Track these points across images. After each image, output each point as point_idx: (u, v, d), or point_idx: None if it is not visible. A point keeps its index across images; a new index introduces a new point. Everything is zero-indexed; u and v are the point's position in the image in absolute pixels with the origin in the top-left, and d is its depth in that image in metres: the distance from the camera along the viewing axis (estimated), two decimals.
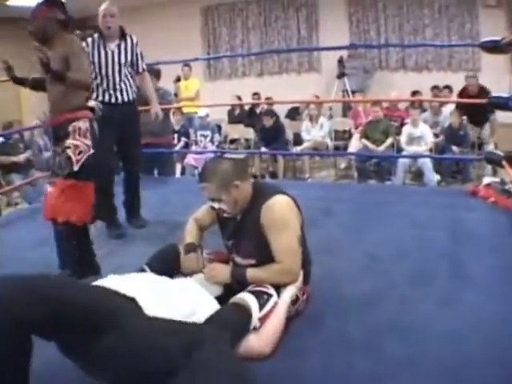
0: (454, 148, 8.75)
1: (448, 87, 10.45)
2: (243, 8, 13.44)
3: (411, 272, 3.54)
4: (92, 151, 3.68)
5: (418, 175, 8.85)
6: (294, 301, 2.95)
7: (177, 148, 9.52)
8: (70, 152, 3.58)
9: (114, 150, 4.91)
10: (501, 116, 8.67)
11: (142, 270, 3.02)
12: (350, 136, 10.26)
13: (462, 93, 9.15)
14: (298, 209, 3.07)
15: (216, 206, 3.02)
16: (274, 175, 9.74)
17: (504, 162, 5.34)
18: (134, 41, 4.93)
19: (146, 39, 6.16)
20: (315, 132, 10.00)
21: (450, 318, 2.91)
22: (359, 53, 12.20)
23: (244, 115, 11.79)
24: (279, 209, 2.94)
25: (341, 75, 11.76)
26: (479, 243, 4.02)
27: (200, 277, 2.99)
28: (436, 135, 9.22)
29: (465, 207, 4.99)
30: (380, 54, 12.37)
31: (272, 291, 2.85)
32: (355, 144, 9.53)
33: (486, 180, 5.71)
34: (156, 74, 7.33)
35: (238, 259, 3.13)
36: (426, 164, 8.42)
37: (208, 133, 9.96)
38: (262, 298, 2.78)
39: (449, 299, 3.12)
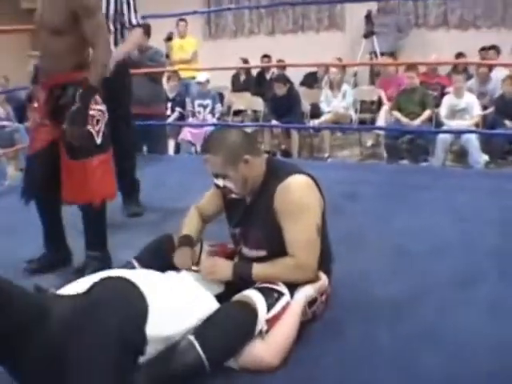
0: (507, 122, 8.70)
1: (498, 48, 10.41)
2: None
3: (451, 271, 3.54)
4: (107, 116, 3.73)
5: (462, 155, 8.82)
6: (311, 302, 2.91)
7: (170, 120, 9.53)
8: (88, 126, 3.58)
9: None
10: None
11: (130, 265, 3.05)
12: (379, 107, 10.26)
13: None
14: (319, 192, 3.04)
15: (221, 183, 3.00)
16: (286, 154, 9.73)
17: None
18: None
19: None
20: (337, 102, 9.99)
21: (498, 326, 2.88)
22: (391, 6, 12.13)
23: (251, 82, 11.81)
24: (296, 191, 2.90)
25: (369, 34, 11.75)
26: None
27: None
28: (484, 107, 9.16)
29: None
30: (417, 8, 12.34)
31: (284, 289, 2.83)
32: (385, 117, 9.53)
33: None
34: (145, 30, 7.30)
35: (246, 250, 3.13)
36: (472, 142, 8.36)
37: (208, 102, 9.98)
38: (271, 297, 2.76)
39: (497, 304, 3.10)
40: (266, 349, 2.60)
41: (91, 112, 3.59)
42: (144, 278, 2.65)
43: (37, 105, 3.84)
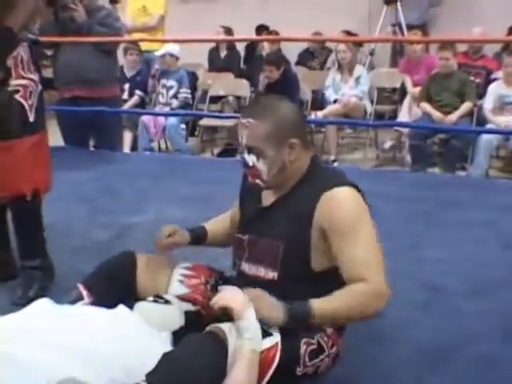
0: None
1: None
2: None
3: (498, 317, 3.53)
4: (40, 87, 3.78)
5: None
6: (315, 352, 2.87)
7: (127, 106, 9.53)
8: (20, 98, 3.64)
9: None
10: None
11: (76, 295, 3.06)
12: (403, 98, 10.25)
13: None
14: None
15: (251, 161, 3.01)
16: None
17: None
18: None
19: None
20: (347, 89, 9.98)
21: None
22: None
23: (235, 59, 11.83)
24: (354, 204, 2.95)
25: (391, 0, 11.76)
26: None
27: (149, 307, 2.95)
28: None
29: None
30: None
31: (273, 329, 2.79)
32: (409, 110, 9.55)
33: None
34: None
35: (248, 267, 3.13)
36: None
37: (173, 83, 9.96)
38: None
39: None
40: None
41: (23, 81, 3.65)
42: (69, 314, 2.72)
43: None
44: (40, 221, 3.96)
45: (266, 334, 2.73)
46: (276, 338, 2.74)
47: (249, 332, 2.62)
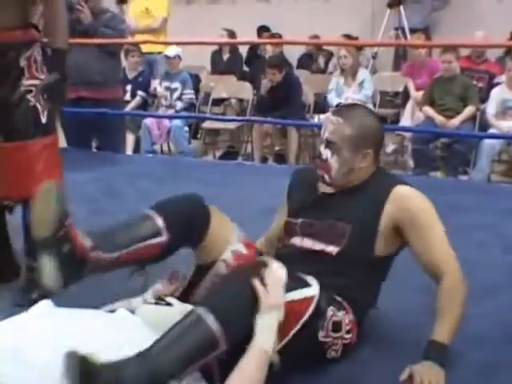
0: None
1: None
2: None
3: (501, 321, 3.55)
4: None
5: None
6: (336, 325, 3.04)
7: (129, 107, 9.55)
8: (32, 98, 3.71)
9: None
10: None
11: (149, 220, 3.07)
12: (405, 101, 10.27)
13: None
14: None
15: (325, 155, 3.25)
16: (281, 158, 9.75)
17: None
18: None
19: None
20: (350, 93, 10.02)
21: None
22: None
23: (238, 62, 11.86)
24: (426, 201, 3.26)
25: (394, 3, 11.80)
26: None
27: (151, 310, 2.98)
28: None
29: None
30: None
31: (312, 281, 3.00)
32: (412, 114, 9.58)
33: None
34: None
35: (304, 241, 3.30)
36: None
37: (177, 85, 10.00)
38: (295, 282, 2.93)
39: None
40: None
41: (36, 81, 3.73)
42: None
43: None
44: None
45: (304, 283, 2.94)
46: (314, 290, 2.93)
47: (263, 334, 2.68)
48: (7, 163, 3.74)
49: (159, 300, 2.99)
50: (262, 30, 12.23)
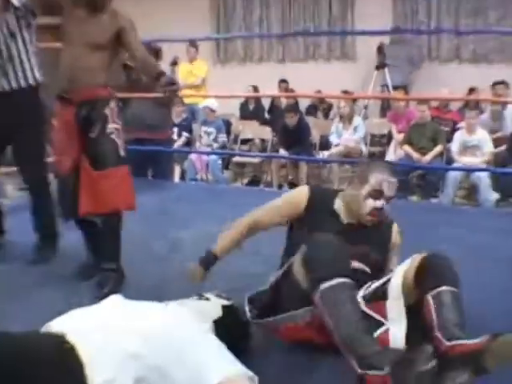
0: None
1: (507, 83, 10.55)
2: None
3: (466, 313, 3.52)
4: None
5: (472, 192, 8.85)
6: None
7: (176, 145, 9.60)
8: (115, 137, 3.92)
9: None
10: None
11: None
12: (389, 141, 10.27)
13: None
14: None
15: (385, 207, 3.30)
16: (294, 185, 9.75)
17: None
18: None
19: (148, 15, 6.16)
20: (347, 135, 10.03)
21: None
22: (404, 39, 12.22)
23: (260, 110, 11.88)
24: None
25: (380, 66, 11.89)
26: None
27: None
28: (496, 144, 9.20)
29: None
30: (430, 41, 12.47)
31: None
32: (395, 151, 9.58)
33: None
34: (156, 53, 7.37)
35: (356, 264, 3.29)
36: (483, 179, 8.41)
37: (213, 130, 10.05)
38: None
39: None
40: None
41: (116, 125, 3.94)
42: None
43: (59, 122, 4.08)
44: (119, 232, 4.09)
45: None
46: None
47: None
48: (95, 187, 3.89)
49: (200, 296, 3.01)
50: (282, 82, 12.25)
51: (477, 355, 2.50)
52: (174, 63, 10.92)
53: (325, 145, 10.36)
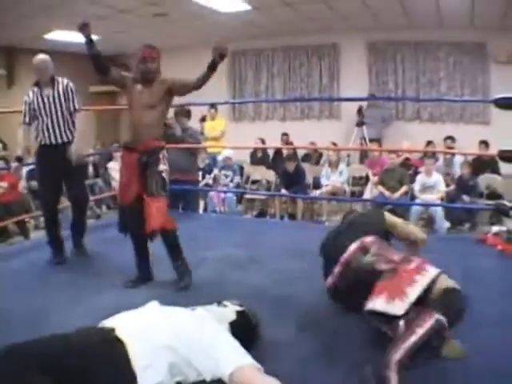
0: (465, 197, 8.87)
1: (450, 138, 10.83)
2: (269, 54, 13.83)
3: None
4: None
5: (430, 222, 8.90)
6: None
7: (201, 185, 9.67)
8: (165, 175, 4.17)
9: (55, 185, 5.10)
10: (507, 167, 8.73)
11: None
12: (367, 182, 10.31)
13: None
14: None
15: None
16: (292, 216, 9.82)
17: (511, 213, 5.63)
18: (65, 83, 5.10)
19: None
20: (334, 177, 10.11)
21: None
22: (378, 103, 12.35)
23: (266, 158, 11.95)
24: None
25: (360, 123, 11.99)
26: (490, 290, 4.01)
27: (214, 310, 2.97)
28: (447, 184, 9.29)
29: (474, 254, 5.04)
30: (397, 105, 12.59)
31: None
32: (371, 190, 9.64)
33: (494, 229, 5.83)
34: (186, 113, 7.52)
35: None
36: (438, 212, 8.50)
37: (230, 173, 10.14)
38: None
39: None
40: None
41: (165, 166, 4.21)
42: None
43: (122, 166, 4.31)
44: (178, 240, 4.35)
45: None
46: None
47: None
48: (150, 211, 4.08)
49: (218, 303, 3.03)
50: (284, 135, 12.40)
51: None
52: (203, 120, 11.08)
53: (317, 185, 10.39)
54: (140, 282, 4.33)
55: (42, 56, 5.06)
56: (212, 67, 4.10)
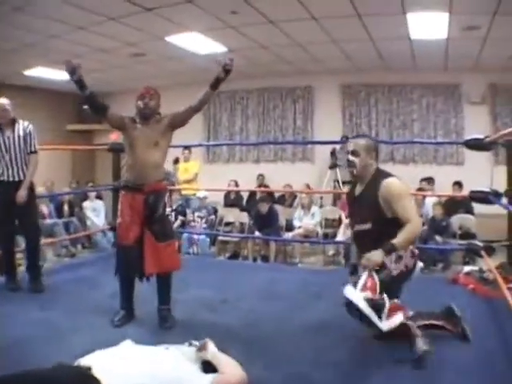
0: (437, 238, 8.97)
1: (429, 179, 11.03)
2: (243, 96, 14.00)
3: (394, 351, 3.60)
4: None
5: None
6: (399, 257, 3.65)
7: (174, 226, 9.67)
8: (171, 218, 4.22)
9: (9, 218, 5.31)
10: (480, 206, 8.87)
11: None
12: (340, 224, 10.30)
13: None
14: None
15: (351, 158, 3.90)
16: (265, 258, 9.83)
17: (483, 252, 5.74)
18: (25, 125, 5.37)
19: None
20: (307, 220, 10.21)
21: None
22: None
23: (240, 199, 12.00)
24: (398, 185, 3.77)
25: (333, 166, 12.12)
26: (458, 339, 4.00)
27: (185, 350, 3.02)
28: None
29: (446, 294, 5.08)
30: None
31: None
32: (343, 232, 9.64)
33: (466, 269, 5.94)
34: None
35: (357, 226, 3.90)
36: None
37: (203, 215, 10.25)
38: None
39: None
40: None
41: (169, 209, 4.25)
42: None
43: (124, 206, 4.33)
44: (171, 283, 4.44)
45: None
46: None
47: None
48: (159, 254, 4.22)
49: (190, 343, 3.06)
50: (259, 175, 12.64)
51: None
52: (176, 162, 11.13)
53: (289, 227, 10.43)
54: (126, 319, 4.36)
55: (1, 101, 5.29)
56: (215, 85, 4.19)
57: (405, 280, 3.80)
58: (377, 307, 3.41)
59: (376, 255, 3.55)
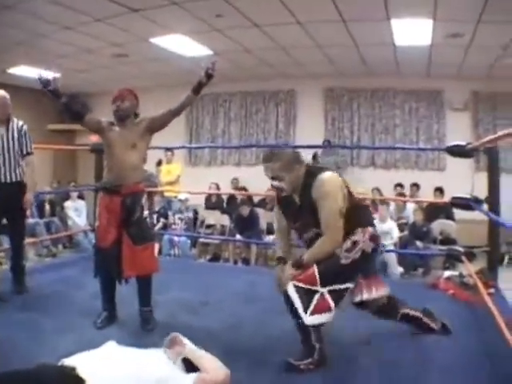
0: (418, 243, 9.03)
1: (415, 185, 11.01)
2: (226, 99, 14.02)
3: (378, 360, 3.61)
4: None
5: (383, 267, 8.97)
6: (354, 243, 3.42)
7: (156, 228, 9.68)
8: (149, 220, 4.19)
9: None
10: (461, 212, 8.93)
11: None
12: None
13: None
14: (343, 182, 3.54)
15: (276, 184, 3.52)
16: (246, 261, 9.84)
17: (463, 257, 5.82)
18: (20, 125, 5.21)
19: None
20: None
21: None
22: (332, 149, 12.46)
23: (221, 202, 12.00)
24: (323, 182, 3.40)
25: None
26: (440, 334, 4.08)
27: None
28: (400, 230, 9.44)
29: (426, 299, 5.07)
30: (352, 152, 12.83)
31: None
32: None
33: (446, 274, 5.98)
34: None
35: (305, 235, 3.60)
36: (391, 257, 8.61)
37: (184, 216, 10.27)
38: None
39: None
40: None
41: (147, 212, 4.21)
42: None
43: (102, 208, 4.31)
44: (151, 286, 4.41)
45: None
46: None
47: None
48: (136, 257, 4.19)
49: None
50: (234, 179, 12.79)
51: None
52: (159, 164, 11.12)
53: (270, 230, 10.43)
54: (109, 321, 4.34)
55: (2, 92, 5.13)
56: (197, 90, 4.16)
57: (362, 265, 3.50)
58: (305, 298, 3.36)
59: (286, 271, 3.52)
